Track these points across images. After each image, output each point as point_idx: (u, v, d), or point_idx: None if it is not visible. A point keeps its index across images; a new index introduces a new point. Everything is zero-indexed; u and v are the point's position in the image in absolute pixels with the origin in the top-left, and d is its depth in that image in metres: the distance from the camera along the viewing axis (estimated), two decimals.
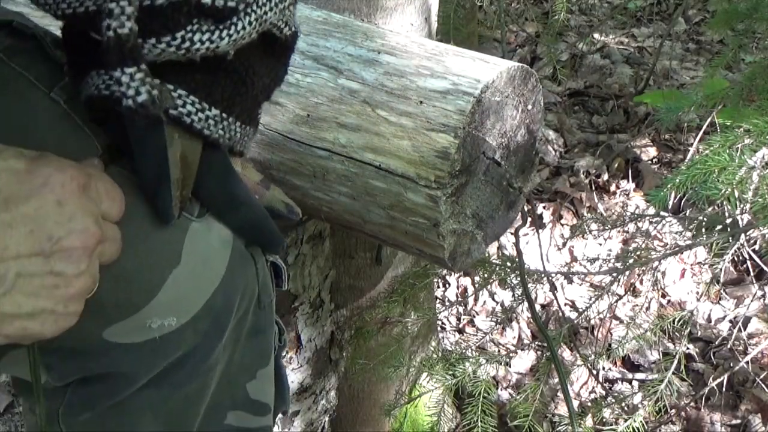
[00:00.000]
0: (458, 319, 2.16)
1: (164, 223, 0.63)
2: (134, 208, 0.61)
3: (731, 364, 1.75)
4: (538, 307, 2.05)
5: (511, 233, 1.86)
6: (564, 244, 2.27)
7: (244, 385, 0.79)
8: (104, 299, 0.59)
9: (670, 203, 2.11)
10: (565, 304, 2.10)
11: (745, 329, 1.89)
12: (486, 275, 1.53)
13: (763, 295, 1.98)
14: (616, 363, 1.94)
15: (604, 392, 1.84)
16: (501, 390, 1.92)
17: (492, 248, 2.09)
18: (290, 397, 1.20)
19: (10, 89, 0.62)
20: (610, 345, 1.79)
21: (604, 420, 1.60)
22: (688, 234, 1.93)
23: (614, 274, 1.47)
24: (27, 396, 0.72)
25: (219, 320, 0.69)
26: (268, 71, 0.66)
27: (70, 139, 0.62)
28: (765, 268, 1.82)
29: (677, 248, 1.59)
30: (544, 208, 2.42)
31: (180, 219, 0.64)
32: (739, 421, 1.75)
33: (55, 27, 0.67)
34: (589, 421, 1.71)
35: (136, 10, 0.53)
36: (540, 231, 2.06)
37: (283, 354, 1.29)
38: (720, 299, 2.06)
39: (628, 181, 2.50)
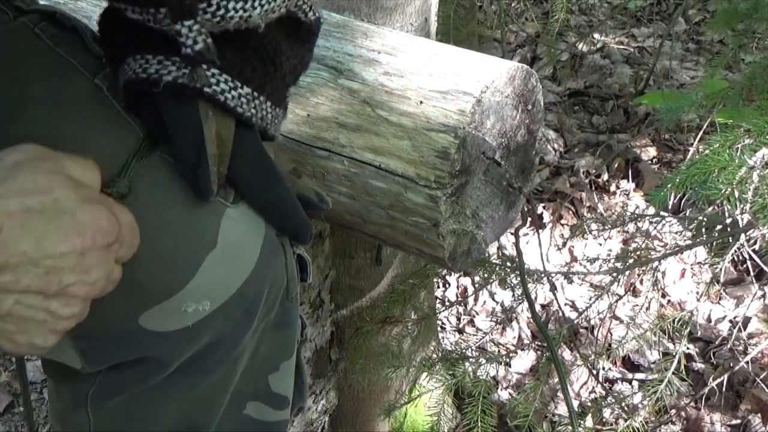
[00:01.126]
0: (458, 319, 2.16)
1: (204, 199, 0.64)
2: (172, 192, 0.63)
3: (731, 364, 1.75)
4: (538, 307, 2.05)
5: (511, 233, 1.86)
6: (564, 244, 2.27)
7: (267, 376, 0.79)
8: (143, 281, 0.61)
9: (670, 203, 2.11)
10: (565, 304, 2.10)
11: (745, 329, 1.89)
12: (486, 275, 1.53)
13: (763, 295, 1.98)
14: (616, 363, 1.94)
15: (604, 392, 1.84)
16: (501, 390, 1.92)
17: (492, 248, 2.09)
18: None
19: (57, 74, 0.64)
20: (610, 345, 1.79)
21: (604, 420, 1.60)
22: (688, 234, 1.93)
23: (614, 274, 1.47)
24: (56, 378, 0.73)
25: (250, 308, 0.70)
26: (294, 53, 0.68)
27: (112, 124, 0.64)
28: (765, 268, 1.82)
29: (677, 248, 1.59)
30: (544, 208, 2.42)
31: (215, 204, 0.66)
32: (739, 421, 1.75)
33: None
34: (589, 421, 1.71)
35: None
36: (540, 231, 2.06)
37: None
38: (720, 299, 2.06)
39: (628, 181, 2.50)
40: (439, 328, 1.96)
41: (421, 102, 0.87)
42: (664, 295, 2.09)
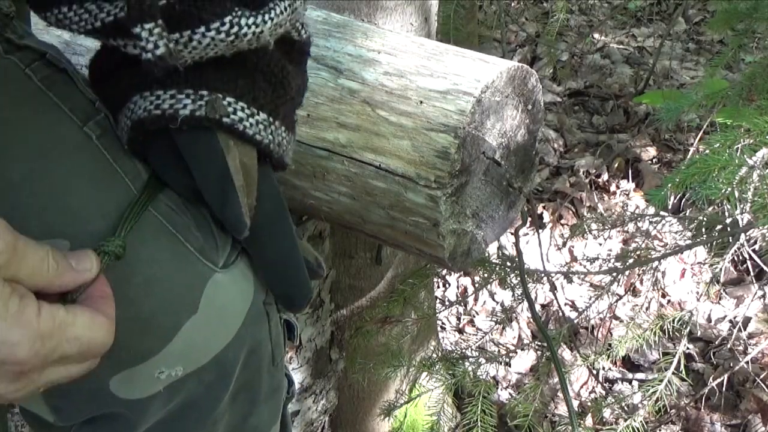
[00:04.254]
0: (458, 319, 2.16)
1: (238, 234, 0.62)
2: (158, 251, 0.61)
3: (731, 364, 1.75)
4: (538, 307, 2.05)
5: (511, 233, 1.86)
6: (564, 244, 2.27)
7: None
8: (120, 343, 0.57)
9: (670, 203, 2.11)
10: (565, 304, 2.10)
11: (745, 329, 1.89)
12: (486, 275, 1.53)
13: (763, 295, 1.98)
14: (616, 363, 1.94)
15: (604, 392, 1.84)
16: (501, 390, 1.92)
17: (492, 248, 2.08)
18: None
19: (45, 119, 0.61)
20: (610, 345, 1.79)
21: (604, 420, 1.60)
22: (688, 234, 1.93)
23: (614, 274, 1.47)
24: (33, 425, 0.71)
25: (225, 373, 0.68)
26: (296, 74, 0.66)
27: (101, 176, 0.61)
28: (765, 268, 1.82)
29: (677, 248, 1.59)
30: (544, 208, 2.42)
31: (202, 267, 0.63)
32: (739, 421, 1.75)
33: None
34: (589, 421, 1.71)
35: None
36: (540, 231, 2.06)
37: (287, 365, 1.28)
38: (720, 299, 2.06)
39: (628, 181, 2.50)
40: (439, 328, 1.96)
41: (421, 102, 0.87)
42: (664, 295, 2.09)
